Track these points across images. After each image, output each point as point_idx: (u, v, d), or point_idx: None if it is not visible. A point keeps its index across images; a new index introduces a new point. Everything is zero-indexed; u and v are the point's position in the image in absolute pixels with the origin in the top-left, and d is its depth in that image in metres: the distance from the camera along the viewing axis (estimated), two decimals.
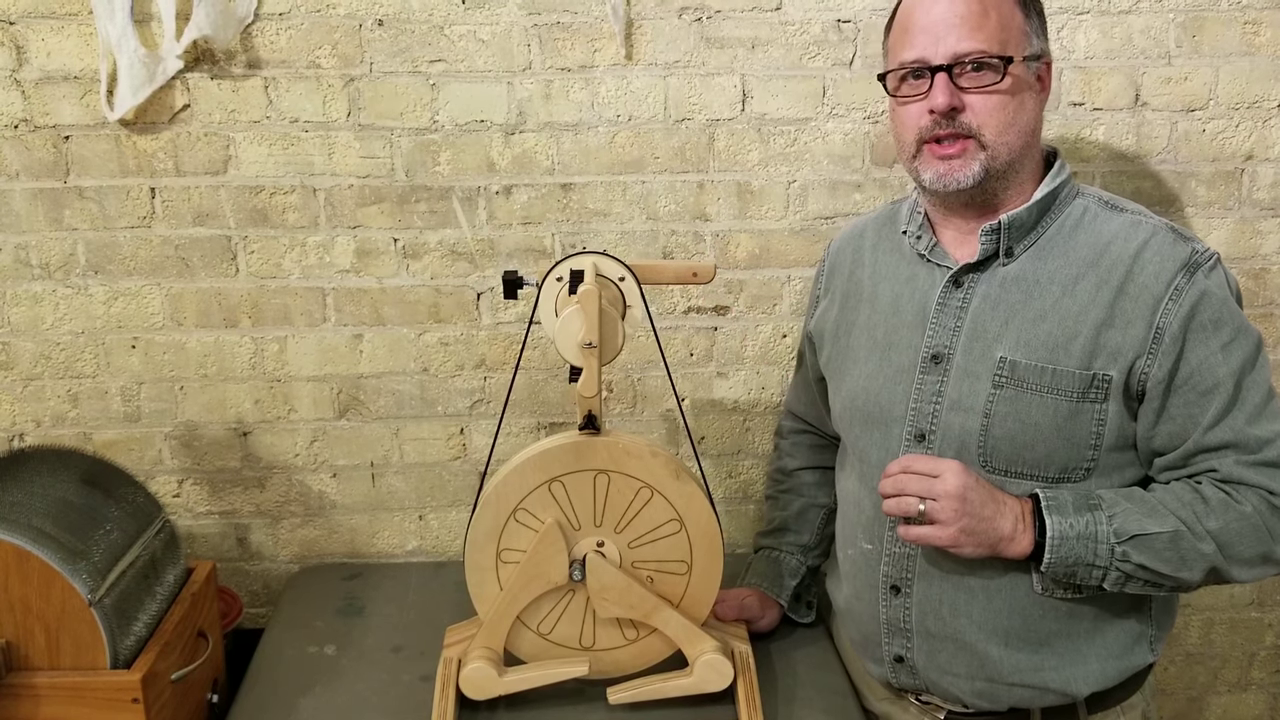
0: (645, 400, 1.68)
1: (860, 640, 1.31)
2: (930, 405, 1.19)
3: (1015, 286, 1.17)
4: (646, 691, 1.26)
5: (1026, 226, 1.17)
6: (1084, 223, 1.18)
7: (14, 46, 1.49)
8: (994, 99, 1.13)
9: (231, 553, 1.71)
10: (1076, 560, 1.10)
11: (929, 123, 1.14)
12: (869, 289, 1.29)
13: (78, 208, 1.55)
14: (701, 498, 1.23)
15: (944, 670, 1.22)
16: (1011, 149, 1.14)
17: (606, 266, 1.19)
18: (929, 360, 1.19)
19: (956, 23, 1.12)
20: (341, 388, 1.65)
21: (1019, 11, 1.15)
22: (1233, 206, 1.62)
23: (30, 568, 1.15)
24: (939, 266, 1.22)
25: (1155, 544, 1.09)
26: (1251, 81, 1.57)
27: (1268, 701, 1.88)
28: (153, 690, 1.20)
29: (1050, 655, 1.18)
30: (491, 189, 1.58)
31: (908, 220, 1.27)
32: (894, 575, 1.22)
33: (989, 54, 1.12)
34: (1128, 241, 1.14)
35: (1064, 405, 1.13)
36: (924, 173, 1.17)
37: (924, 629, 1.22)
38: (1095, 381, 1.12)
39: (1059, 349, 1.13)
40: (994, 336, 1.16)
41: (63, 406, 1.63)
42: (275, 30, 1.50)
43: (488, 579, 1.25)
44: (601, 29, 1.52)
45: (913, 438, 1.20)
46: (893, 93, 1.19)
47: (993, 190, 1.17)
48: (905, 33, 1.16)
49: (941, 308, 1.20)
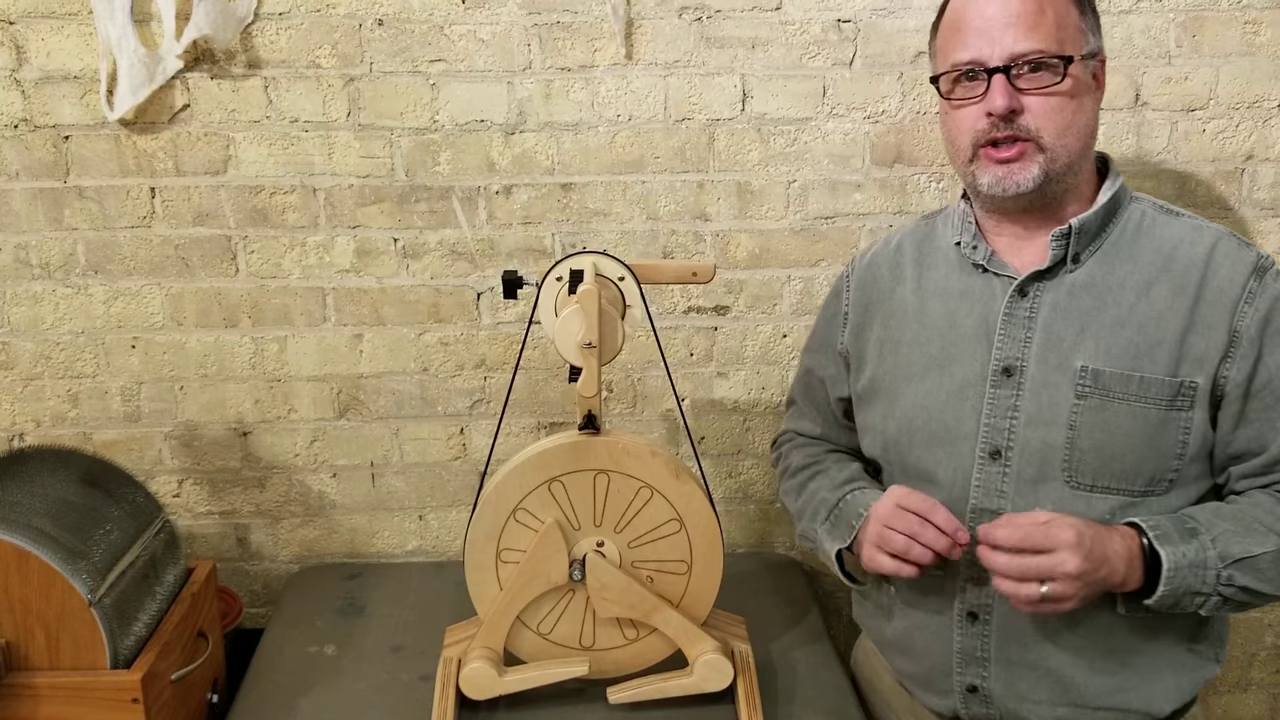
0: (645, 400, 1.68)
1: (921, 674, 1.24)
2: (1005, 420, 1.14)
3: (1085, 293, 1.13)
4: (646, 691, 1.26)
5: (1093, 231, 1.14)
6: (1144, 227, 1.15)
7: (14, 46, 1.49)
8: (1053, 100, 1.09)
9: (231, 553, 1.71)
10: (1185, 590, 1.05)
11: (986, 125, 1.11)
12: (914, 305, 1.23)
13: (78, 207, 1.55)
14: (701, 497, 1.23)
15: (1023, 698, 1.17)
16: (1070, 151, 1.11)
17: (606, 266, 1.19)
18: (1000, 373, 1.14)
19: (1013, 21, 1.08)
20: (341, 388, 1.65)
21: (1074, 8, 1.11)
22: (1233, 206, 1.62)
23: (30, 568, 1.15)
24: (999, 277, 1.17)
25: (1259, 564, 1.05)
26: (1252, 81, 1.57)
27: (1268, 701, 1.88)
28: (153, 690, 1.20)
29: (1131, 675, 1.15)
30: (491, 189, 1.58)
31: (959, 230, 1.22)
32: (972, 602, 1.17)
33: (1048, 54, 1.08)
34: (1195, 245, 1.12)
35: (1153, 413, 1.09)
36: (981, 177, 1.13)
37: (1004, 657, 1.16)
38: (1182, 389, 1.09)
39: (1143, 356, 1.10)
40: (1070, 345, 1.12)
41: (63, 406, 1.63)
42: (275, 30, 1.50)
43: (488, 579, 1.25)
44: (601, 29, 1.52)
45: (987, 454, 1.14)
46: (946, 95, 1.15)
47: (1051, 194, 1.13)
48: (957, 33, 1.12)
49: (1009, 318, 1.15)
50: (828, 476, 1.31)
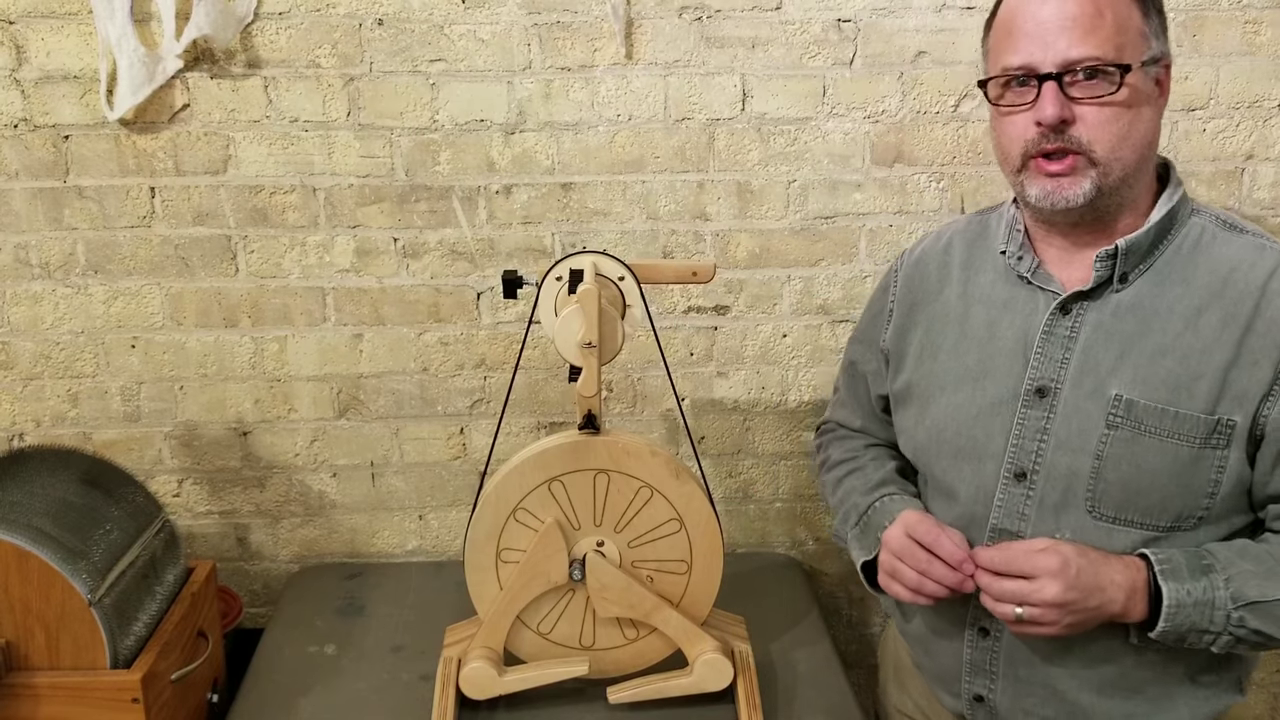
0: (645, 400, 1.68)
1: (936, 672, 1.24)
2: (1034, 442, 1.09)
3: (1130, 316, 1.07)
4: (646, 691, 1.26)
5: (1143, 250, 1.07)
6: (1202, 244, 1.07)
7: (14, 46, 1.49)
8: (1108, 111, 1.02)
9: (231, 552, 1.71)
10: (1190, 627, 1.01)
11: (1035, 135, 1.04)
12: (958, 310, 1.18)
13: (77, 207, 1.55)
14: (701, 497, 1.23)
15: (1028, 713, 1.15)
16: (1125, 165, 1.04)
17: (606, 266, 1.19)
18: (1033, 393, 1.09)
19: (1068, 25, 1.00)
20: (341, 387, 1.65)
21: (1137, 10, 1.03)
22: (1233, 206, 1.62)
23: (30, 568, 1.15)
24: (1043, 291, 1.11)
25: (1275, 610, 1.01)
26: (1252, 81, 1.57)
27: (1268, 701, 1.88)
28: (153, 690, 1.20)
29: (1142, 703, 1.11)
30: (491, 188, 1.58)
31: (1006, 238, 1.16)
32: (984, 618, 1.14)
33: (1104, 61, 1.00)
34: (1254, 269, 1.05)
35: (1185, 451, 1.03)
36: (1030, 189, 1.07)
37: (1012, 673, 1.14)
38: (1219, 427, 1.03)
39: (1181, 389, 1.03)
40: (1107, 371, 1.06)
41: (63, 406, 1.63)
42: (275, 30, 1.50)
43: (488, 579, 1.25)
44: (601, 28, 1.52)
45: (1011, 475, 1.10)
46: (994, 101, 1.08)
47: (1104, 208, 1.06)
48: (1009, 35, 1.05)
49: (1048, 336, 1.09)
50: (863, 476, 1.27)
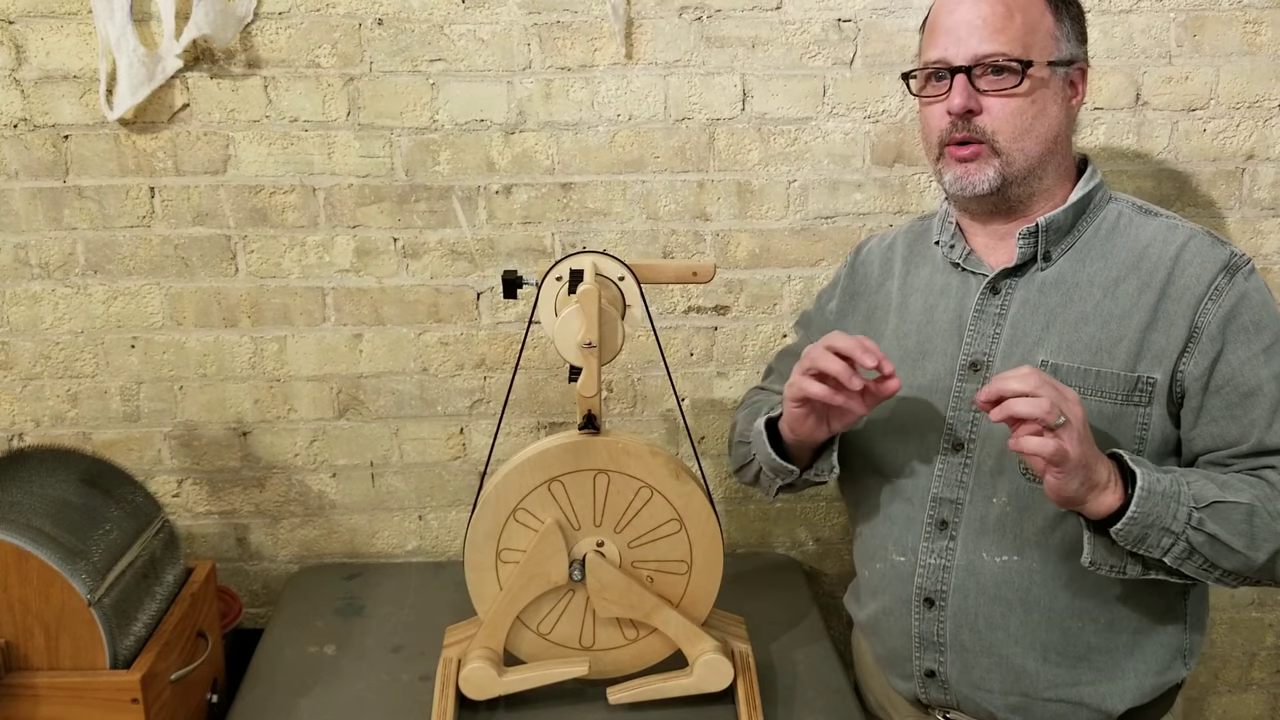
0: (645, 400, 1.68)
1: (887, 656, 1.28)
2: (969, 414, 1.17)
3: (1054, 290, 1.16)
4: (646, 691, 1.26)
5: (1063, 229, 1.17)
6: (1119, 226, 1.17)
7: (13, 46, 1.49)
8: (1013, 104, 1.12)
9: (231, 553, 1.71)
10: (1154, 520, 1.03)
11: (947, 125, 1.14)
12: (898, 300, 1.27)
13: (77, 207, 1.55)
14: (701, 497, 1.23)
15: (977, 685, 1.19)
16: (1029, 156, 1.13)
17: (606, 266, 1.19)
18: (967, 368, 1.18)
19: (979, 24, 1.11)
20: (341, 387, 1.65)
21: (1049, 15, 1.14)
22: (1233, 206, 1.62)
23: (30, 568, 1.15)
24: (974, 274, 1.21)
25: (1232, 515, 1.04)
26: (1252, 81, 1.57)
27: (1268, 701, 1.88)
28: (152, 690, 1.20)
29: (1088, 670, 1.16)
30: (491, 188, 1.58)
31: (940, 230, 1.26)
32: (928, 587, 1.19)
33: (1009, 56, 1.11)
34: (1166, 244, 1.14)
35: (1108, 408, 1.11)
36: (945, 175, 1.17)
37: (959, 643, 1.19)
38: (1139, 384, 1.11)
39: (1102, 352, 1.12)
40: (1035, 341, 1.15)
41: (62, 406, 1.63)
42: (275, 29, 1.50)
43: (487, 579, 1.25)
44: (601, 28, 1.52)
45: (950, 446, 1.18)
46: (917, 93, 1.19)
47: (1016, 196, 1.16)
48: (932, 33, 1.16)
49: (979, 315, 1.18)
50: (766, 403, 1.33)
